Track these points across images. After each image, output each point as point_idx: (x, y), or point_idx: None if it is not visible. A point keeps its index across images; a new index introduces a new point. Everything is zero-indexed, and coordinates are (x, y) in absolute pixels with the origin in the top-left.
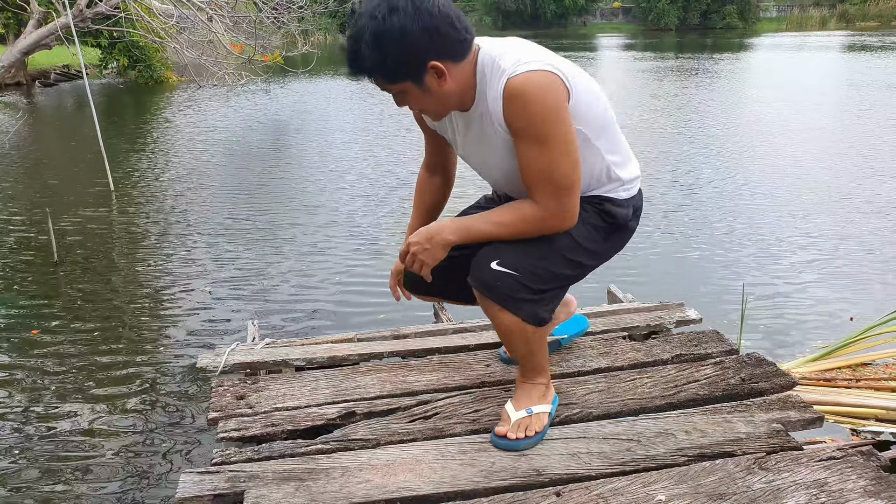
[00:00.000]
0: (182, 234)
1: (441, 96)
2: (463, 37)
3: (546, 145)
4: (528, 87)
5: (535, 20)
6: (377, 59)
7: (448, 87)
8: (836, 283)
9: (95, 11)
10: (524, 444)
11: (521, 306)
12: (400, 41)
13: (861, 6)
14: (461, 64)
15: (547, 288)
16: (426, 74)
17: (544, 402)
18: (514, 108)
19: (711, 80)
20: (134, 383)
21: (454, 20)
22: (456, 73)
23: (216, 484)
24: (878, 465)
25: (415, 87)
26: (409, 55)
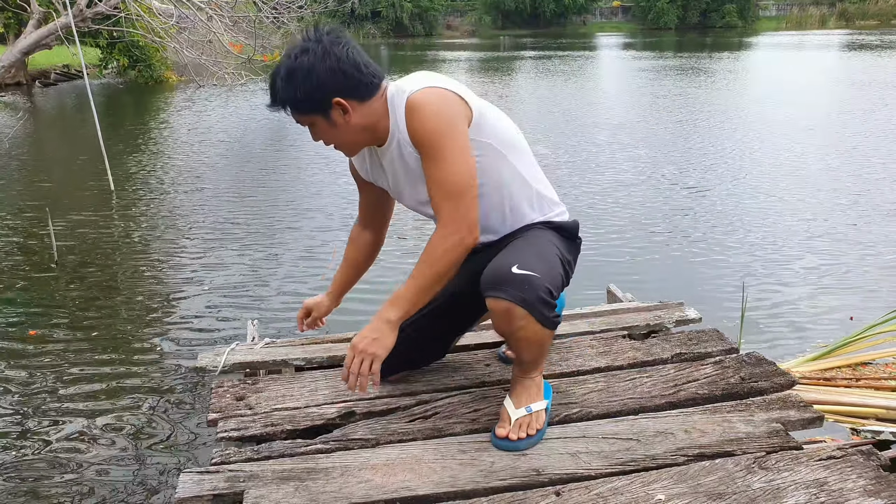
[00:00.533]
0: (182, 233)
1: (348, 131)
2: (368, 80)
3: (441, 156)
4: (423, 101)
5: (535, 19)
6: (289, 93)
7: (354, 123)
8: (836, 282)
9: (95, 11)
10: (525, 444)
11: (544, 309)
12: (308, 78)
13: (860, 5)
14: (368, 102)
15: (557, 290)
16: (332, 110)
17: (540, 396)
18: (413, 123)
19: (711, 80)
20: (133, 383)
21: (360, 65)
22: (362, 111)
23: (216, 484)
24: (878, 464)
25: (323, 120)
26: (315, 91)
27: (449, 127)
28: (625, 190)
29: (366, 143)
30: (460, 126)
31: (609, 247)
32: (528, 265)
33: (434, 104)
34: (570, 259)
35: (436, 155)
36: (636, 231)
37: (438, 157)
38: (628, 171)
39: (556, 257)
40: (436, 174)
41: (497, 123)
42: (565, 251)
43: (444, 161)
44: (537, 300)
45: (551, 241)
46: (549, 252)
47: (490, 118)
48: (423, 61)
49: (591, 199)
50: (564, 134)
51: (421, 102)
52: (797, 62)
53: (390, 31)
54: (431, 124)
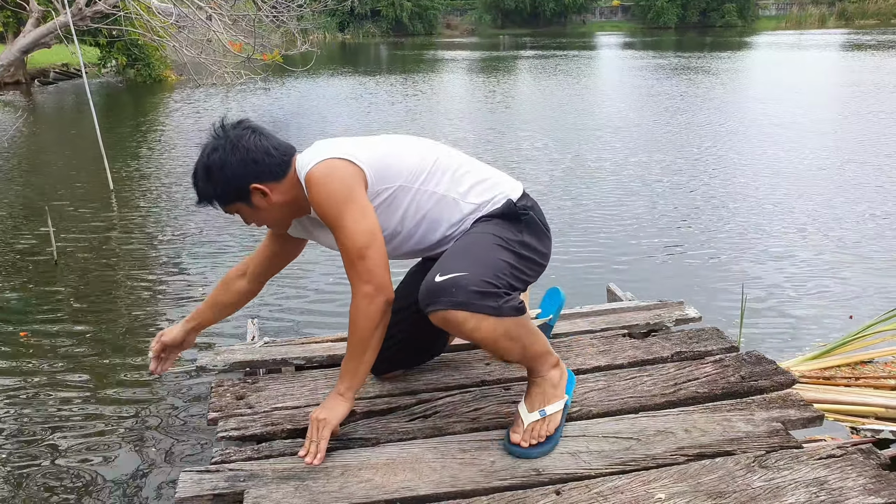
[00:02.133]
0: (181, 232)
1: (272, 210)
2: (279, 160)
3: (338, 223)
4: (316, 177)
5: (535, 18)
6: (208, 189)
7: (276, 201)
8: (836, 281)
9: (94, 10)
10: (536, 452)
11: (486, 301)
12: (222, 172)
13: (860, 4)
14: (283, 181)
15: (500, 275)
16: (252, 196)
17: (557, 396)
18: (312, 199)
19: (711, 80)
20: (133, 382)
21: (269, 149)
22: (281, 189)
23: (216, 483)
24: (877, 463)
25: (246, 206)
26: (231, 182)
27: (340, 196)
28: (625, 189)
29: (292, 216)
30: (353, 192)
31: (609, 246)
32: (451, 269)
33: (325, 177)
34: (519, 239)
35: (334, 225)
36: (636, 230)
37: (336, 226)
38: (628, 171)
39: (493, 246)
40: (338, 243)
41: (399, 162)
42: (510, 233)
43: (341, 230)
44: (471, 296)
45: (486, 231)
46: (479, 245)
47: (390, 162)
48: (423, 61)
49: (591, 198)
50: (564, 133)
51: (314, 179)
52: (797, 62)
53: (390, 31)
54: (324, 198)
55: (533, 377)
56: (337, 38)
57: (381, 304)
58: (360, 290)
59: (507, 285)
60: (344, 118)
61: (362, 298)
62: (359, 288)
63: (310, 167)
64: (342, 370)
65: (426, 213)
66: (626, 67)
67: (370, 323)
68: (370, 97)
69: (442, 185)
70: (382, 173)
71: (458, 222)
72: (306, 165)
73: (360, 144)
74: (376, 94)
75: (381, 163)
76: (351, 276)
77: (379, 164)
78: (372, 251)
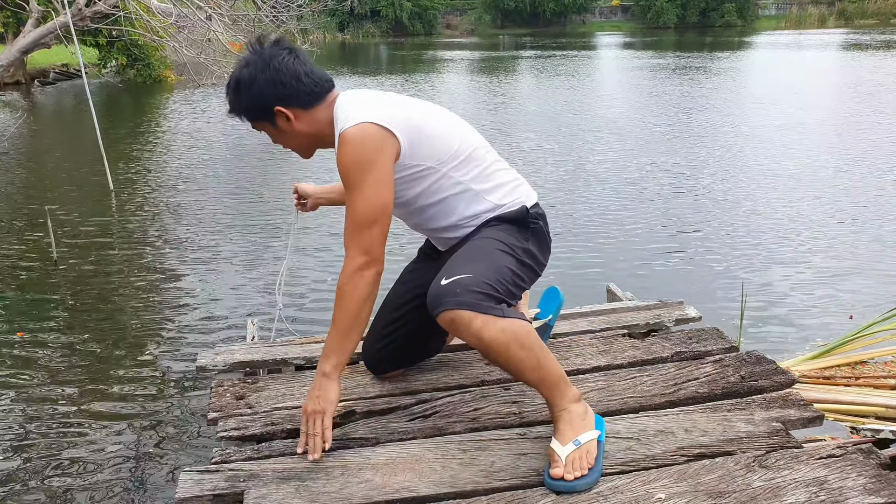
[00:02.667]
0: (181, 233)
1: (294, 136)
2: (309, 89)
3: (356, 188)
4: (347, 139)
5: (534, 18)
6: (237, 102)
7: (299, 129)
8: (835, 280)
9: (94, 10)
10: (583, 484)
11: (490, 302)
12: (250, 88)
13: (859, 4)
14: (313, 111)
15: (504, 281)
16: (276, 117)
17: (587, 426)
18: (338, 158)
19: (711, 79)
20: (133, 382)
21: (301, 75)
22: (306, 118)
23: (216, 483)
24: (877, 462)
25: (270, 126)
26: (257, 100)
27: (365, 163)
28: (624, 189)
29: (315, 146)
30: (379, 161)
31: (609, 246)
32: (455, 271)
33: (356, 143)
34: (524, 246)
35: (351, 188)
36: (636, 230)
37: (353, 190)
38: (628, 171)
39: (497, 251)
40: (348, 205)
41: (438, 143)
42: (515, 239)
43: (357, 195)
44: (475, 296)
45: (492, 237)
46: (484, 251)
47: (429, 141)
48: (422, 61)
49: (591, 197)
50: (565, 133)
51: (346, 140)
52: (797, 62)
53: (389, 31)
54: (350, 161)
55: (557, 410)
56: (337, 38)
57: (373, 276)
58: (355, 259)
59: (506, 291)
60: None
61: (355, 268)
62: (354, 257)
63: (347, 126)
64: (326, 348)
65: (445, 197)
66: (626, 68)
67: (360, 293)
68: None
69: (469, 176)
70: (417, 150)
71: (472, 216)
72: (345, 120)
73: (408, 110)
74: None
75: (419, 138)
76: (349, 243)
77: (417, 139)
78: (378, 225)
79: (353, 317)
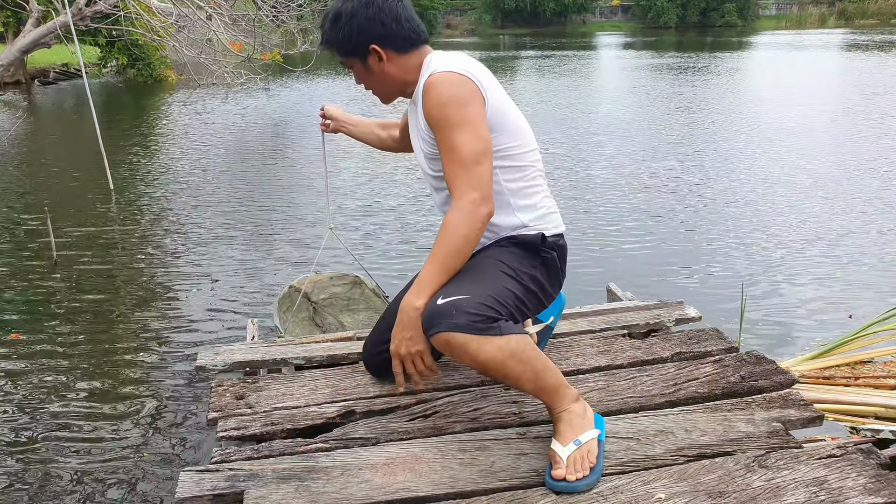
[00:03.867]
0: (182, 233)
1: (381, 78)
2: (407, 34)
3: (456, 128)
4: (441, 81)
5: (535, 18)
6: (333, 35)
7: (388, 71)
8: (835, 280)
9: (94, 10)
10: (584, 484)
11: (486, 323)
12: (349, 22)
13: (860, 4)
14: (405, 56)
15: (503, 302)
16: (369, 56)
17: (587, 425)
18: (429, 100)
19: (711, 80)
20: (133, 382)
21: (401, 19)
22: (398, 62)
23: (216, 483)
24: (877, 462)
25: (360, 64)
26: (354, 35)
27: (464, 101)
28: (625, 188)
29: (398, 93)
30: (475, 103)
31: (609, 245)
32: (454, 292)
33: (453, 82)
34: (531, 273)
35: (449, 126)
36: (636, 229)
37: (452, 127)
38: (628, 171)
39: (499, 273)
40: (450, 145)
41: (508, 135)
42: (522, 265)
43: (457, 129)
44: (471, 318)
45: (496, 258)
46: (484, 273)
47: (501, 126)
48: None
49: (592, 197)
50: (565, 133)
51: (440, 80)
52: (797, 62)
53: None
54: (446, 98)
55: (556, 412)
56: None
57: (485, 215)
58: (468, 195)
59: (508, 313)
60: None
61: (469, 204)
62: (467, 193)
63: (440, 70)
64: (421, 283)
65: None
66: (626, 68)
67: (471, 231)
68: (371, 98)
69: (513, 185)
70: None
71: (493, 226)
72: (439, 66)
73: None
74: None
75: (499, 122)
76: (459, 182)
77: (497, 122)
78: (487, 161)
79: (457, 255)
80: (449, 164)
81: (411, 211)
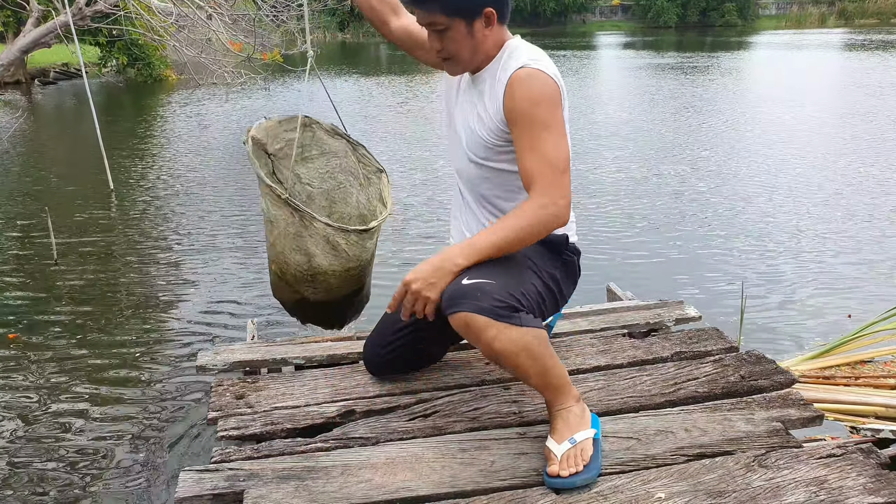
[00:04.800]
0: (181, 232)
1: (477, 45)
2: (510, 8)
3: (548, 129)
4: (534, 77)
5: (535, 17)
6: None
7: (486, 39)
8: (835, 280)
9: (95, 9)
10: (580, 479)
11: (509, 311)
12: None
13: (860, 3)
14: (499, 28)
15: (526, 294)
16: (478, 18)
17: (583, 425)
18: (519, 92)
19: (711, 79)
20: (133, 382)
21: None
22: (496, 32)
23: (216, 483)
24: (877, 462)
25: (464, 26)
26: None
27: (556, 103)
28: (625, 188)
29: (475, 64)
30: (562, 109)
31: (609, 245)
32: (481, 275)
33: (549, 83)
34: (552, 272)
35: (541, 125)
36: (636, 229)
37: (544, 127)
38: (628, 170)
39: (526, 269)
40: (536, 143)
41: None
42: (544, 264)
43: (549, 131)
44: (495, 303)
45: (524, 254)
46: (512, 265)
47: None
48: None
49: (592, 197)
50: None
51: (531, 76)
52: (797, 62)
53: None
54: (542, 95)
55: (555, 409)
56: (337, 37)
57: (563, 223)
58: (559, 200)
59: (529, 307)
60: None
61: (554, 207)
62: (558, 197)
63: (537, 66)
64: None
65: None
66: (625, 67)
67: (542, 231)
68: (370, 97)
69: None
70: None
71: None
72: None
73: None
74: (375, 93)
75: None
76: (547, 182)
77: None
78: (569, 171)
79: (517, 242)
80: (535, 162)
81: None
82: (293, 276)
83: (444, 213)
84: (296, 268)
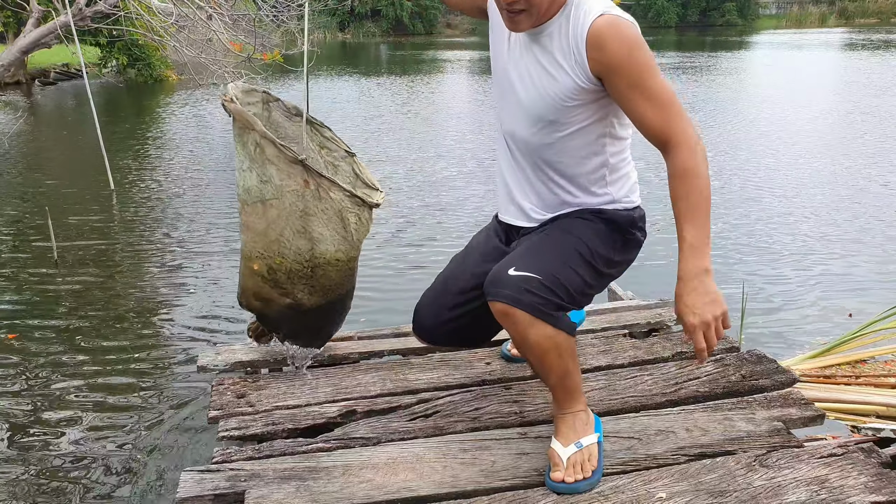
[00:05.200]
0: (182, 232)
1: None
2: None
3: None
4: (623, 23)
5: None
6: None
7: None
8: (835, 279)
9: (95, 10)
10: (584, 486)
11: (550, 311)
12: None
13: (860, 3)
14: None
15: (571, 290)
16: None
17: (588, 430)
18: (614, 42)
19: (711, 78)
20: (134, 382)
21: None
22: None
23: (217, 483)
24: (878, 461)
25: None
26: None
27: (648, 48)
28: None
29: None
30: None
31: None
32: (528, 266)
33: (632, 26)
34: (608, 256)
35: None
36: None
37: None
38: None
39: (576, 256)
40: (647, 89)
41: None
42: (603, 247)
43: (654, 74)
44: (536, 299)
45: (580, 236)
46: (562, 252)
47: None
48: (423, 61)
49: None
50: None
51: (619, 23)
52: (797, 61)
53: (390, 30)
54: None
55: (562, 412)
56: (337, 37)
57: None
58: (693, 136)
59: (570, 300)
60: (344, 117)
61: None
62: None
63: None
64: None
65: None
66: None
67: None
68: (370, 97)
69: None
70: None
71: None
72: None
73: None
74: (375, 93)
75: None
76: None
77: None
78: None
79: (708, 198)
80: (654, 109)
81: None
82: (288, 272)
83: (444, 214)
84: (295, 258)
